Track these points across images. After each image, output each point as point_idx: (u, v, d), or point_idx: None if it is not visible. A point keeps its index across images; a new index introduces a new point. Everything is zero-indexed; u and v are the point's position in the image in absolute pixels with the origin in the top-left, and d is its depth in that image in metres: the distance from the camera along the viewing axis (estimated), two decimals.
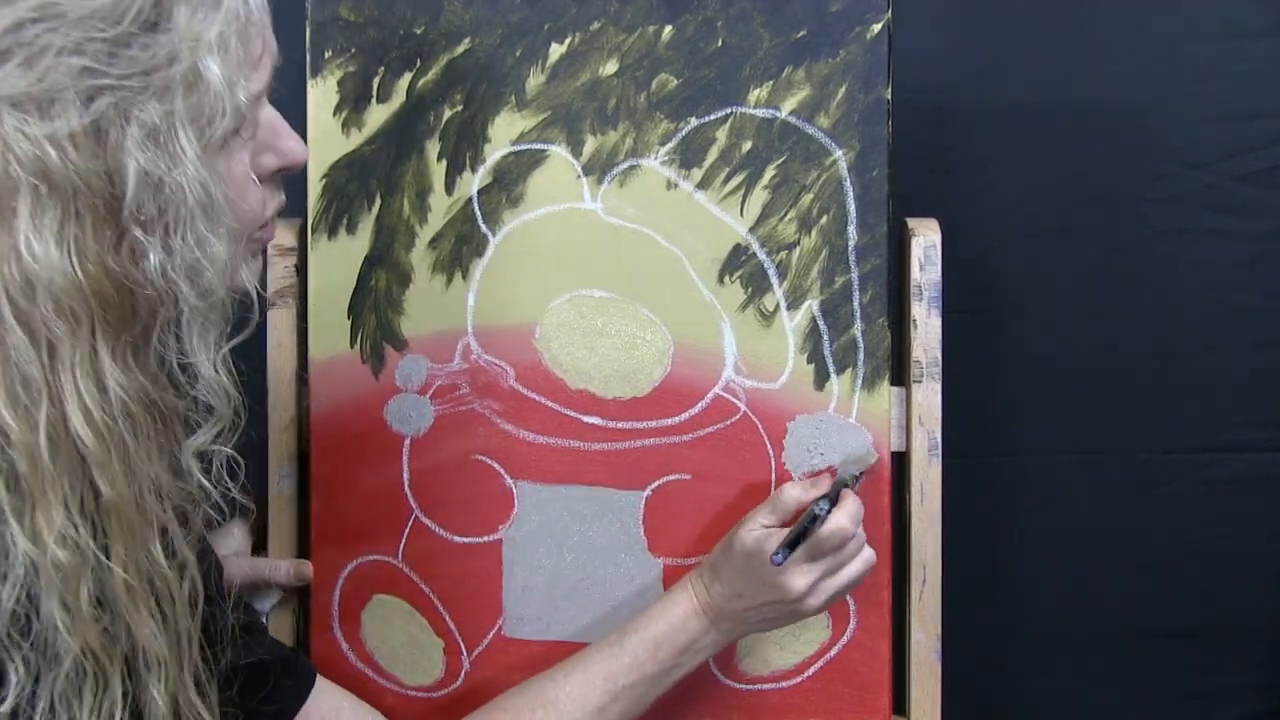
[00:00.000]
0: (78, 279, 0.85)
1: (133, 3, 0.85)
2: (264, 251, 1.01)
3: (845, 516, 1.19)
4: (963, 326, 1.50)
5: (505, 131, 1.31)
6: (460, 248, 1.32)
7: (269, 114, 0.99)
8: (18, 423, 0.85)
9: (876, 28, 1.28)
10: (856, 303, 1.30)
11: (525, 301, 1.32)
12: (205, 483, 0.95)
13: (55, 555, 0.86)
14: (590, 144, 1.30)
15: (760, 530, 1.21)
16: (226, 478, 0.98)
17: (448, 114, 1.31)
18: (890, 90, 1.28)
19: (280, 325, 1.33)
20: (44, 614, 0.87)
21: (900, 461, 1.32)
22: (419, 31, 1.31)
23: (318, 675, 1.14)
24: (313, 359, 1.33)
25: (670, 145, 1.30)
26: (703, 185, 1.30)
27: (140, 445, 0.89)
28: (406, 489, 1.33)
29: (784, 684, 1.33)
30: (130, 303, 0.89)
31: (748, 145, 1.30)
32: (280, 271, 1.33)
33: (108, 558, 0.88)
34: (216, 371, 0.93)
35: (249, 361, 1.35)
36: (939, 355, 1.30)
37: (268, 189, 1.00)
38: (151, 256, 0.88)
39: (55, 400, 0.86)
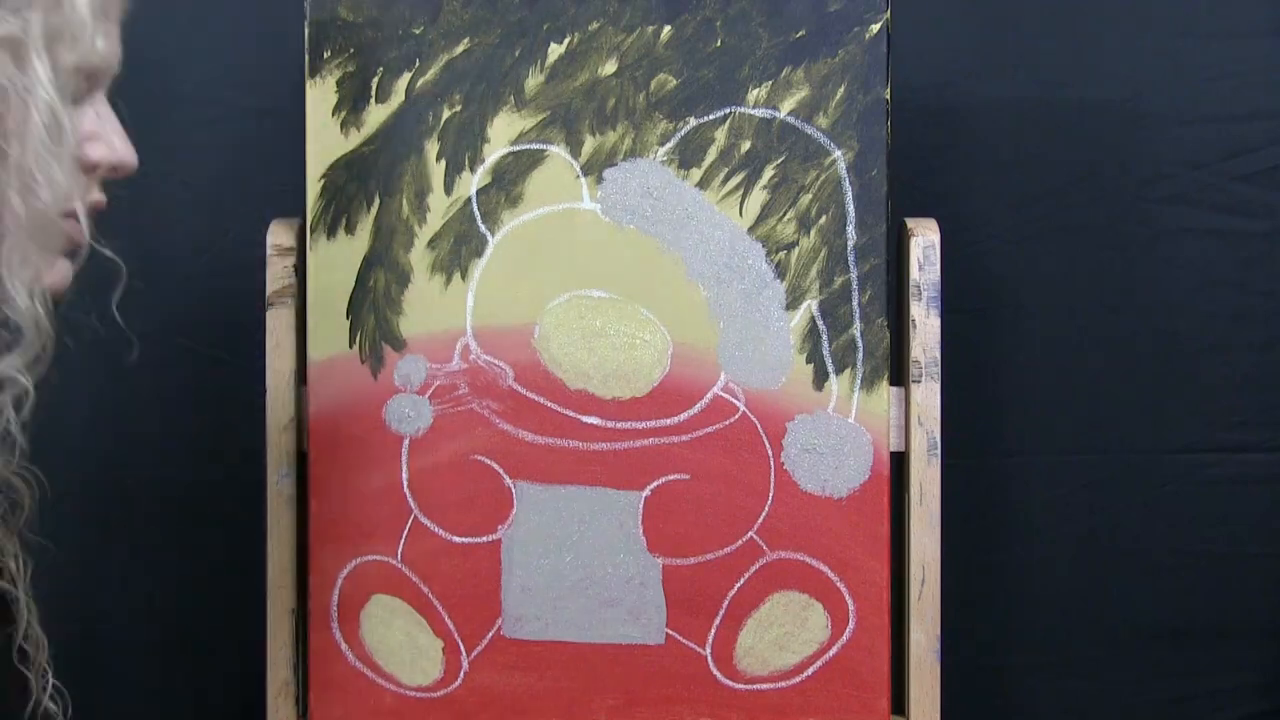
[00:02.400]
0: None
1: None
2: (73, 257, 0.95)
3: None
4: (962, 326, 1.50)
5: (504, 131, 1.31)
6: (459, 248, 1.32)
7: (107, 110, 0.95)
8: None
9: (875, 28, 1.28)
10: (855, 303, 1.30)
11: (524, 302, 1.32)
12: None
13: None
14: (589, 144, 1.30)
15: None
16: (10, 408, 0.92)
17: (446, 114, 1.31)
18: (889, 90, 1.28)
19: (279, 325, 1.33)
20: None
21: (899, 461, 1.32)
22: (418, 31, 1.31)
23: None
24: (311, 359, 1.33)
25: (669, 145, 1.30)
26: (702, 185, 1.30)
27: None
28: (405, 489, 1.33)
29: (783, 684, 1.33)
30: None
31: (747, 145, 1.30)
32: (279, 271, 1.33)
33: None
34: (33, 300, 0.89)
35: (248, 362, 1.37)
36: (938, 355, 1.30)
37: (90, 179, 0.94)
38: None
39: None
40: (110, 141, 0.94)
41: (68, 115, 0.88)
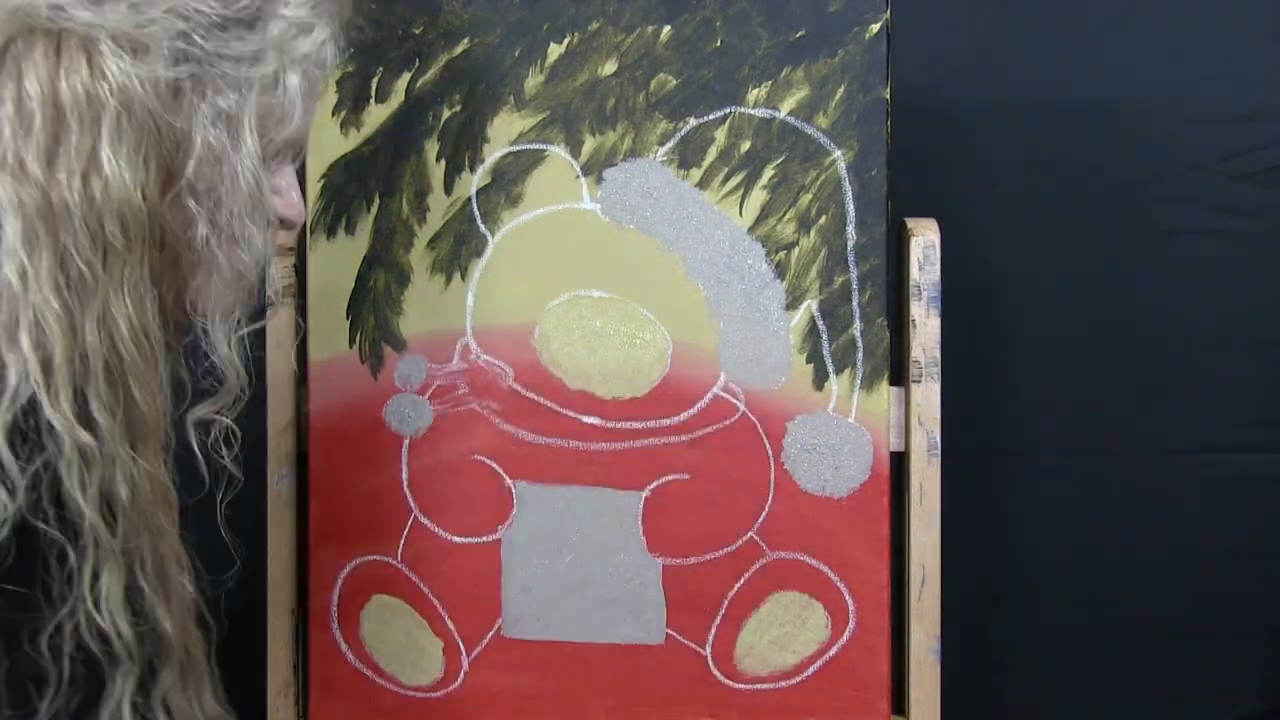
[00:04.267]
0: (139, 206, 0.90)
1: None
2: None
3: None
4: (962, 326, 1.50)
5: (504, 131, 1.31)
6: (459, 248, 1.32)
7: (291, 170, 1.04)
8: (62, 308, 0.89)
9: (875, 28, 1.28)
10: (855, 302, 1.30)
11: (524, 301, 1.32)
12: (197, 448, 1.01)
13: (85, 440, 0.89)
14: (589, 144, 1.31)
15: None
16: (223, 445, 1.04)
17: (446, 114, 1.31)
18: (889, 90, 1.28)
19: (279, 325, 1.33)
20: (69, 498, 0.90)
21: (899, 461, 1.32)
22: (418, 31, 1.31)
23: None
24: (312, 359, 1.33)
25: (669, 145, 1.30)
26: (702, 185, 1.30)
27: (164, 372, 0.95)
28: (405, 489, 1.33)
29: (783, 684, 1.33)
30: (172, 253, 0.95)
31: (746, 145, 1.30)
32: (279, 271, 1.33)
33: (136, 465, 0.92)
34: (230, 348, 1.00)
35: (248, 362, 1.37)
36: (938, 355, 1.30)
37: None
38: (199, 226, 0.94)
39: (105, 305, 0.90)
40: (291, 199, 1.04)
41: (268, 183, 0.98)
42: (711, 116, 1.30)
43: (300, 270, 1.33)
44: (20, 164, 0.88)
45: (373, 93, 1.31)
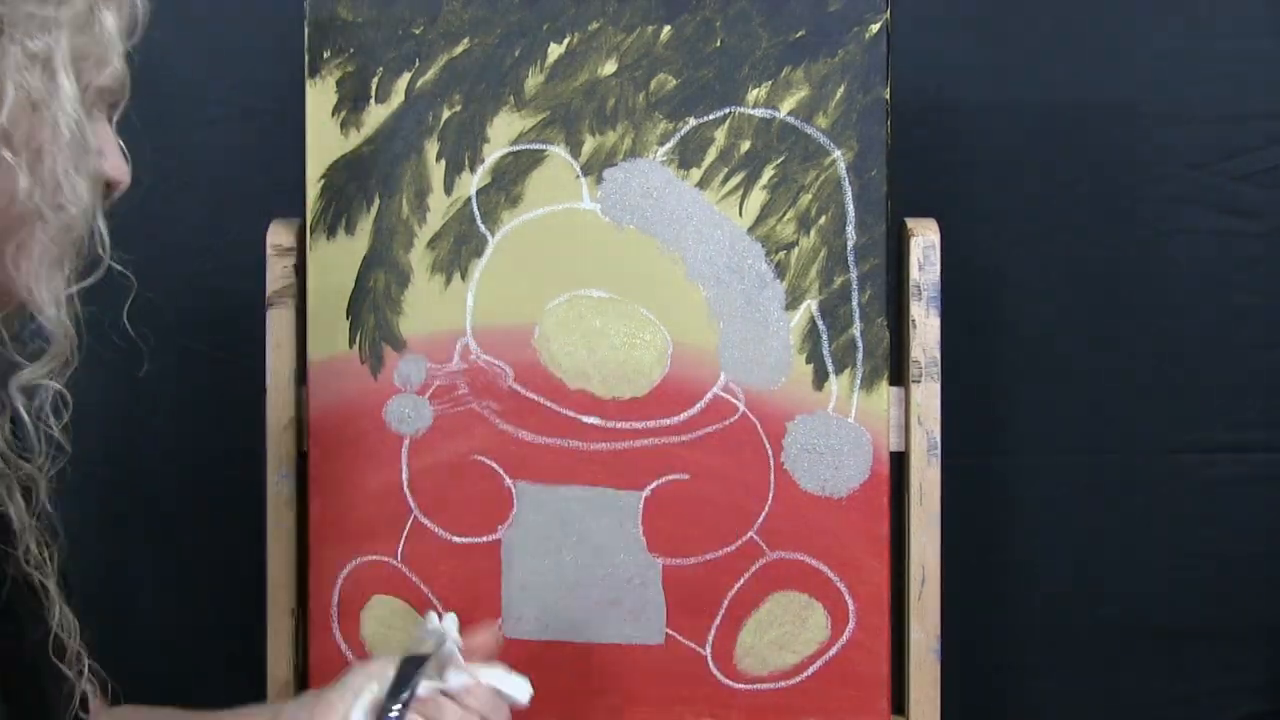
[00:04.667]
0: None
1: None
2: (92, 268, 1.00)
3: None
4: (962, 326, 1.50)
5: (504, 131, 1.31)
6: (459, 248, 1.32)
7: (109, 128, 0.98)
8: None
9: (875, 28, 1.28)
10: (855, 303, 1.30)
11: (524, 301, 1.32)
12: (25, 414, 0.96)
13: None
14: (589, 144, 1.31)
15: None
16: (49, 413, 0.97)
17: (446, 114, 1.31)
18: (889, 90, 1.28)
19: (279, 325, 1.33)
20: None
21: (899, 461, 1.32)
22: (417, 31, 1.31)
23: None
24: (311, 359, 1.33)
25: (669, 145, 1.30)
26: (701, 185, 1.30)
27: None
28: (405, 489, 1.33)
29: (783, 683, 1.33)
30: None
31: (746, 145, 1.30)
32: (279, 272, 1.33)
33: None
34: (59, 309, 0.93)
35: (248, 362, 1.37)
36: (938, 355, 1.30)
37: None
38: (19, 178, 0.88)
39: None
40: (116, 160, 0.97)
41: (90, 131, 0.92)
42: (711, 116, 1.30)
43: (300, 270, 1.33)
44: None
45: (373, 93, 1.31)
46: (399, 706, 1.04)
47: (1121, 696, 1.65)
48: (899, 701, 1.33)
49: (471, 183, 1.31)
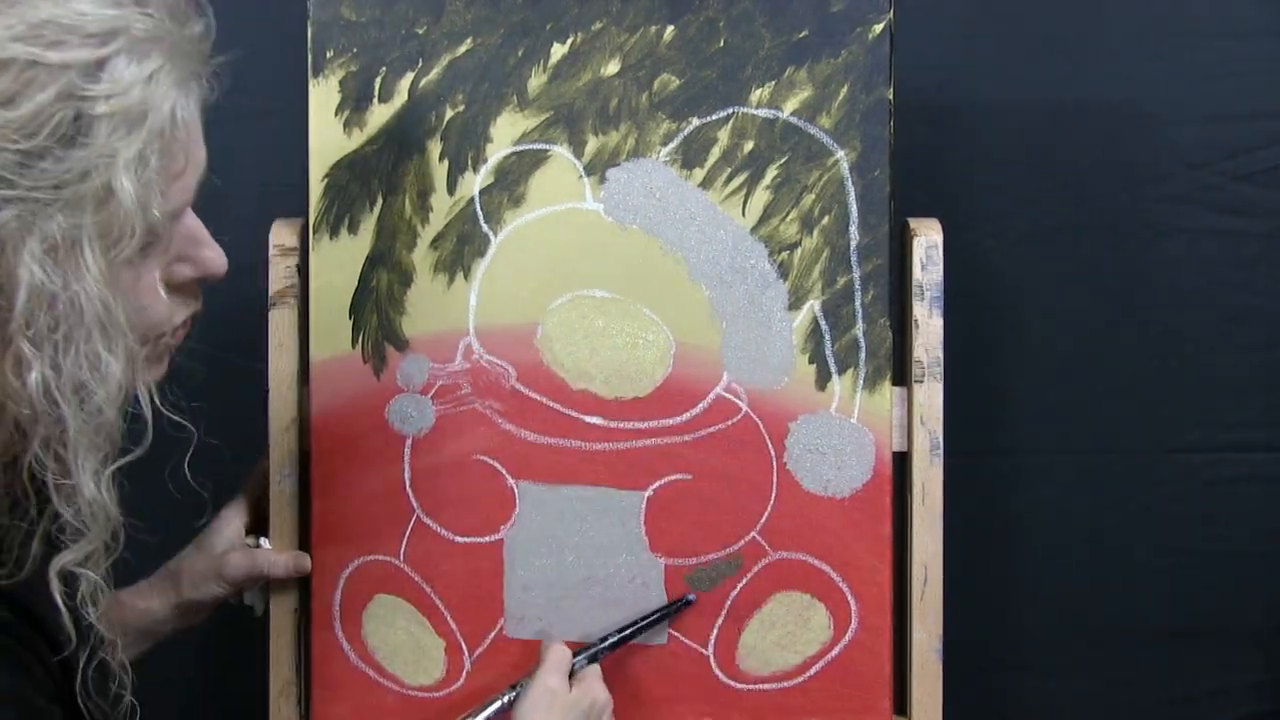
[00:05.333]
0: None
1: (51, 117, 0.81)
2: (172, 356, 0.99)
3: None
4: (964, 326, 1.50)
5: (507, 131, 1.31)
6: (462, 247, 1.32)
7: (190, 223, 0.96)
8: None
9: (878, 28, 1.28)
10: (858, 303, 1.30)
11: (527, 301, 1.32)
12: (61, 601, 0.91)
13: None
14: (592, 144, 1.30)
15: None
16: (89, 603, 0.93)
17: (449, 114, 1.31)
18: (892, 90, 1.28)
19: (281, 325, 1.33)
20: None
21: (902, 461, 1.32)
22: (421, 31, 1.31)
23: None
24: (314, 359, 1.33)
25: (672, 145, 1.30)
26: (704, 185, 1.30)
27: None
28: (408, 489, 1.33)
29: (785, 684, 1.33)
30: (5, 414, 0.86)
31: (749, 145, 1.30)
32: (282, 272, 1.33)
33: None
34: (99, 490, 0.88)
35: (250, 361, 1.36)
36: (940, 355, 1.30)
37: (178, 298, 0.95)
38: (35, 372, 0.83)
39: None
40: (197, 257, 0.95)
41: (121, 301, 0.86)
42: (714, 117, 1.30)
43: (303, 270, 1.33)
44: None
45: (375, 92, 1.31)
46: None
47: (1122, 696, 1.65)
48: (901, 702, 1.33)
49: (474, 182, 1.31)
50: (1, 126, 0.80)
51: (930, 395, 1.30)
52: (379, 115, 1.31)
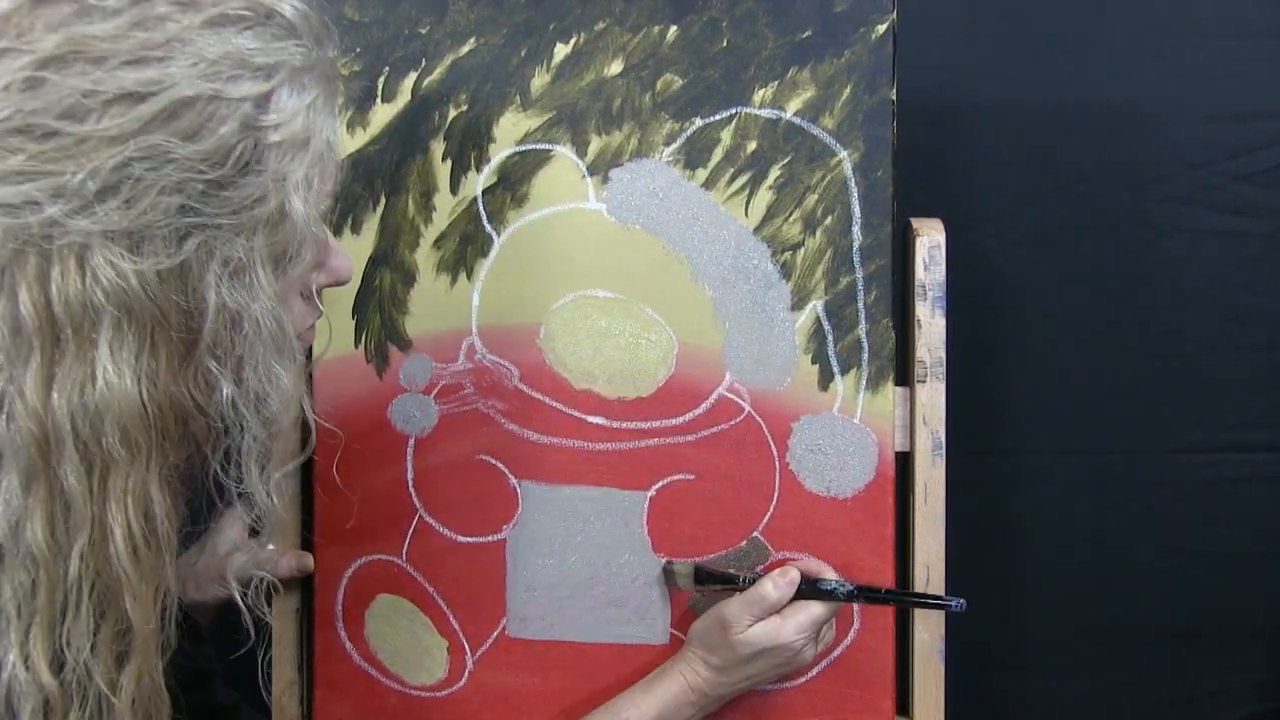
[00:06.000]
0: (146, 410, 0.86)
1: (235, 146, 0.87)
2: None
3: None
4: (967, 326, 1.50)
5: (510, 131, 1.31)
6: (465, 247, 1.32)
7: (324, 232, 1.01)
8: (49, 548, 0.85)
9: (881, 29, 1.28)
10: (861, 303, 1.30)
11: (530, 301, 1.32)
12: (240, 599, 1.01)
13: (49, 685, 0.86)
14: (595, 144, 1.31)
15: (761, 627, 1.23)
16: (263, 601, 1.04)
17: (452, 114, 1.31)
18: (895, 91, 1.28)
19: None
20: None
21: (904, 461, 1.32)
22: (424, 31, 1.31)
23: None
24: (317, 358, 1.33)
25: (675, 145, 1.30)
26: (707, 185, 1.30)
27: (172, 570, 0.91)
28: (410, 488, 1.33)
29: (787, 684, 1.33)
30: (188, 430, 0.91)
31: (752, 145, 1.30)
32: None
33: (115, 688, 0.88)
34: (269, 496, 0.96)
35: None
36: (943, 355, 1.30)
37: (309, 305, 1.01)
38: (223, 388, 0.90)
39: (97, 527, 0.86)
40: (330, 265, 1.01)
41: (290, 320, 0.93)
42: (717, 117, 1.30)
43: None
44: (20, 395, 0.84)
45: (379, 92, 1.31)
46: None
47: (1123, 696, 1.65)
48: (903, 701, 1.33)
49: (477, 182, 1.31)
50: (189, 158, 0.85)
51: (933, 395, 1.30)
52: (382, 115, 1.31)
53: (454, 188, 1.32)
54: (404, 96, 1.31)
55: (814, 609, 1.23)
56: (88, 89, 0.84)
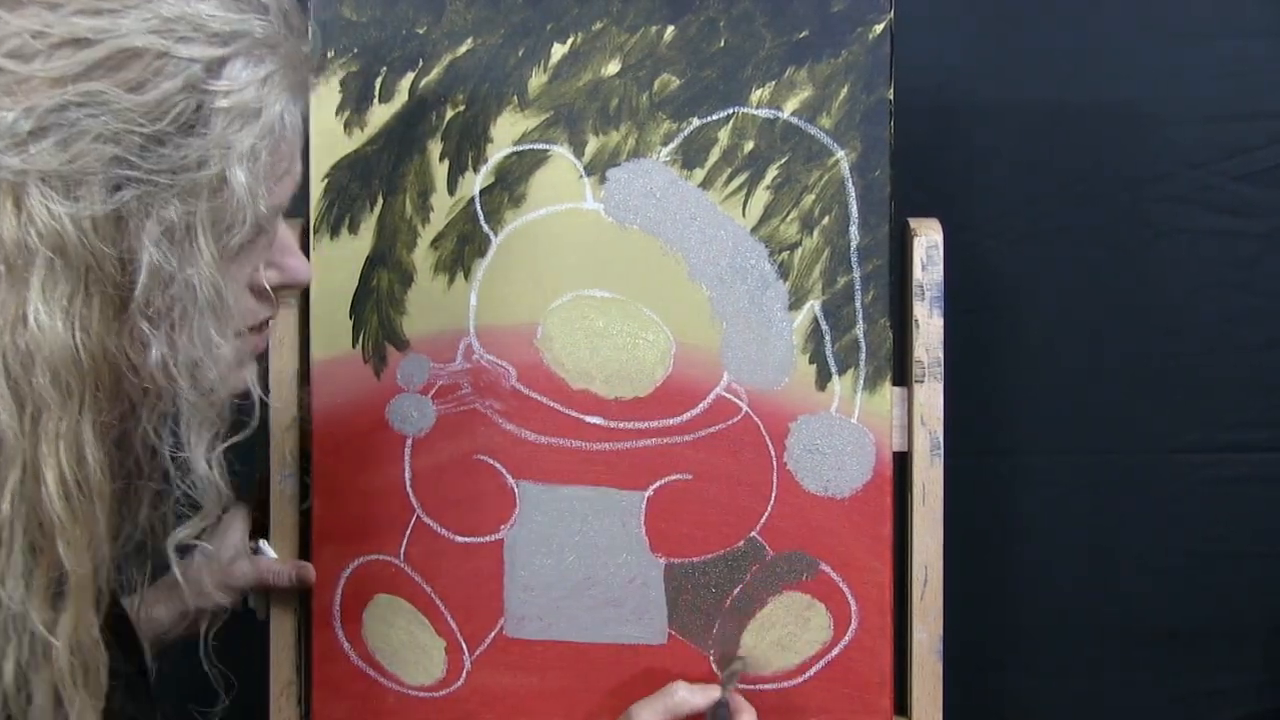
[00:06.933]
0: (78, 354, 0.86)
1: (175, 103, 0.87)
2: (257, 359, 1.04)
3: None
4: (964, 326, 1.50)
5: (507, 131, 1.31)
6: (462, 248, 1.32)
7: (282, 231, 1.01)
8: None
9: (879, 28, 1.28)
10: (858, 303, 1.30)
11: (527, 301, 1.32)
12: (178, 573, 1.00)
13: None
14: (592, 144, 1.31)
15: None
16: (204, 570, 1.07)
17: (450, 114, 1.31)
18: (892, 90, 1.28)
19: (282, 325, 1.33)
20: None
21: (902, 462, 1.32)
22: (421, 31, 1.31)
23: None
24: (314, 359, 1.33)
25: (672, 145, 1.30)
26: (705, 185, 1.30)
27: (106, 523, 0.90)
28: (408, 489, 1.33)
29: (786, 684, 1.33)
30: (122, 387, 0.90)
31: (750, 145, 1.30)
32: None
33: (52, 632, 0.88)
34: (210, 467, 0.94)
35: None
36: (941, 355, 1.30)
37: (262, 301, 1.00)
38: (154, 350, 0.89)
39: (29, 466, 0.86)
40: (283, 264, 1.01)
41: (230, 288, 0.92)
42: (715, 117, 1.30)
43: None
44: None
45: (376, 92, 1.31)
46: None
47: (1122, 696, 1.65)
48: (901, 702, 1.33)
49: (475, 182, 1.31)
50: (129, 110, 0.85)
51: (930, 395, 1.30)
52: (379, 115, 1.31)
53: (451, 188, 1.32)
54: (401, 97, 1.31)
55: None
56: (37, 30, 0.84)
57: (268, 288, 1.00)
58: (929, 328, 1.30)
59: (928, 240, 1.30)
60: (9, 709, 0.88)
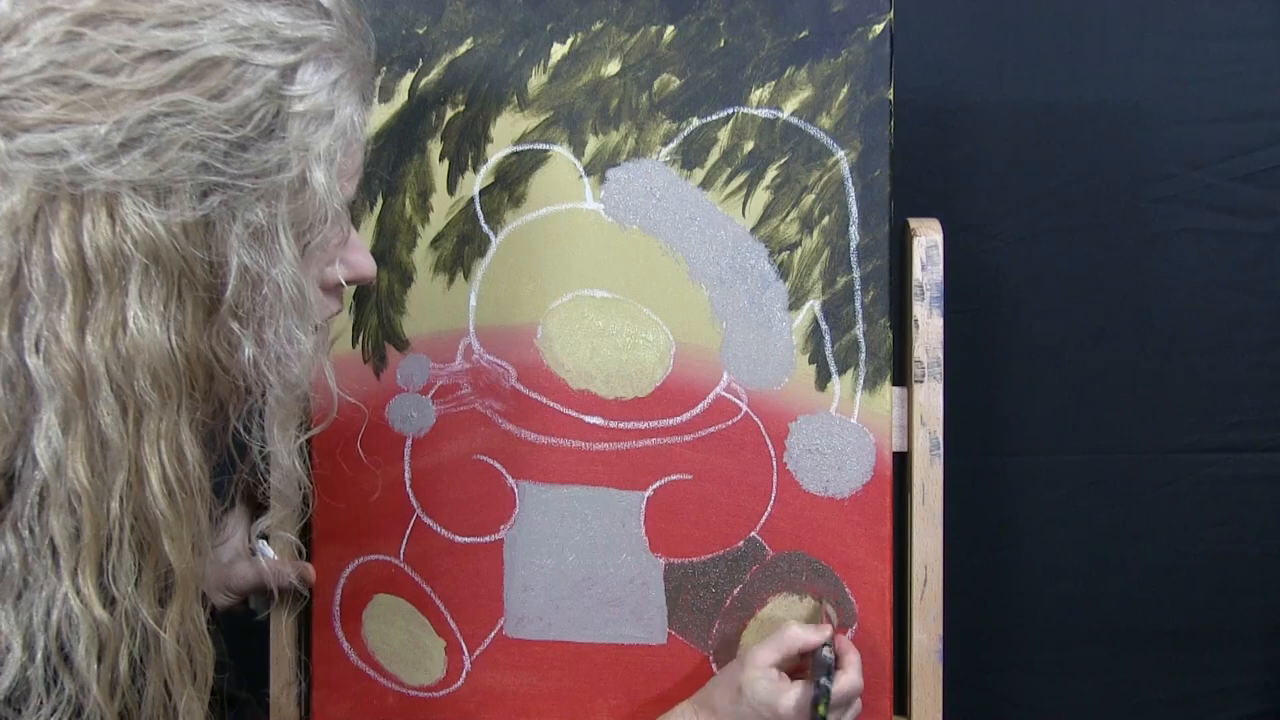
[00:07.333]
0: (174, 356, 0.90)
1: (256, 109, 0.90)
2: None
3: (856, 673, 1.24)
4: (964, 326, 1.50)
5: (507, 131, 1.31)
6: (462, 248, 1.32)
7: (348, 228, 1.04)
8: (92, 485, 0.89)
9: (878, 28, 1.28)
10: (858, 303, 1.30)
11: (527, 301, 1.32)
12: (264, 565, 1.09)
13: (101, 617, 0.89)
14: (592, 144, 1.31)
15: (768, 681, 1.22)
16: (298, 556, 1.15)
17: (450, 114, 1.31)
18: (892, 91, 1.28)
19: None
20: (78, 673, 0.90)
21: (902, 462, 1.32)
22: (421, 31, 1.31)
23: None
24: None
25: (672, 145, 1.30)
26: (705, 185, 1.30)
27: (205, 518, 0.94)
28: (408, 488, 1.33)
29: None
30: (214, 386, 0.94)
31: (749, 145, 1.30)
32: None
33: (160, 626, 0.92)
34: (292, 460, 1.01)
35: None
36: (941, 355, 1.30)
37: (332, 297, 1.05)
38: (245, 348, 0.93)
39: (134, 467, 0.89)
40: (350, 260, 1.04)
41: (311, 286, 0.97)
42: (715, 117, 1.30)
43: None
44: (55, 337, 0.87)
45: (376, 92, 1.31)
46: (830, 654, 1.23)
47: (1122, 696, 1.65)
48: (901, 702, 1.33)
49: (475, 182, 1.31)
50: (213, 117, 0.89)
51: (930, 395, 1.30)
52: (379, 115, 1.31)
53: (451, 188, 1.32)
54: (401, 97, 1.31)
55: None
56: (121, 45, 0.87)
57: (340, 281, 1.03)
58: (929, 328, 1.30)
59: (927, 240, 1.30)
60: (125, 701, 0.91)
